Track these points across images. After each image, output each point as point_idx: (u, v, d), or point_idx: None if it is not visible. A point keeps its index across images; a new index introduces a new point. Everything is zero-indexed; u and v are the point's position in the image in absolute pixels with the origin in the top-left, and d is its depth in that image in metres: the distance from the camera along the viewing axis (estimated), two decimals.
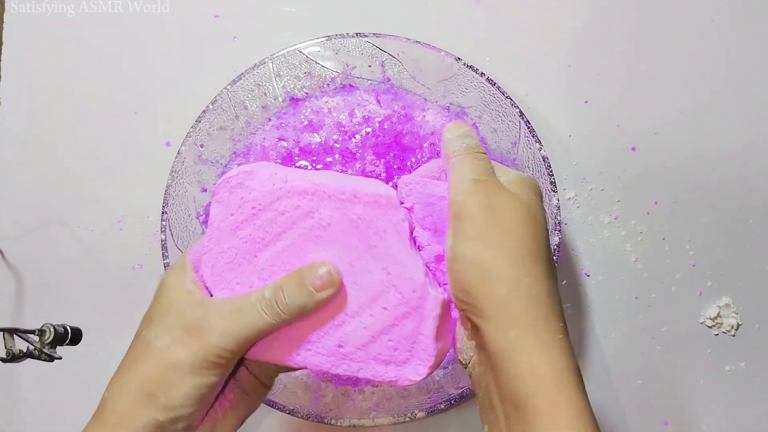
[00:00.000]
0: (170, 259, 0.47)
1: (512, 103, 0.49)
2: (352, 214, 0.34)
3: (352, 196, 0.34)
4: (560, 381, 0.29)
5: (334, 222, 0.34)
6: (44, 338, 0.38)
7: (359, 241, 0.34)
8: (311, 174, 0.35)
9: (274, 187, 0.34)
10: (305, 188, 0.34)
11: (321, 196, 0.34)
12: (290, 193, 0.34)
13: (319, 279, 0.33)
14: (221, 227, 0.35)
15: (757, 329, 0.52)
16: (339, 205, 0.34)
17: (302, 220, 0.34)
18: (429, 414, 0.43)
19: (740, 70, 0.57)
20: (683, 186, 0.55)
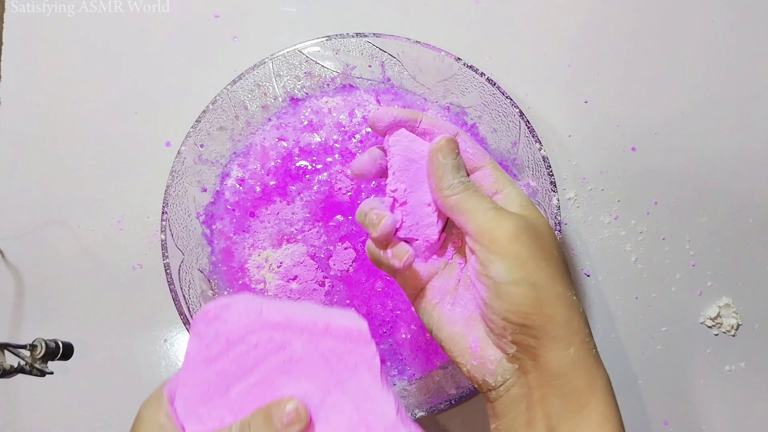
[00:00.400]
0: (170, 259, 0.47)
1: (512, 103, 0.49)
2: (323, 348, 0.34)
3: (324, 329, 0.34)
4: (609, 393, 0.32)
5: (306, 356, 0.34)
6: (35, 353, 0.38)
7: (330, 375, 0.34)
8: (287, 306, 0.35)
9: (249, 320, 0.34)
10: (278, 321, 0.34)
11: (293, 329, 0.34)
12: (264, 326, 0.34)
13: (287, 416, 0.32)
14: (196, 360, 0.35)
15: (757, 329, 0.52)
16: (311, 339, 0.34)
17: (274, 353, 0.34)
18: (429, 414, 0.43)
19: (740, 70, 0.57)
20: (683, 186, 0.55)
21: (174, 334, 0.52)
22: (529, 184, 0.49)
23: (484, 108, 0.51)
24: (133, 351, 0.52)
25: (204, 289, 0.49)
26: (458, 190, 0.35)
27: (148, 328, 0.53)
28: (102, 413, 0.51)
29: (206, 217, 0.51)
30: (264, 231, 0.51)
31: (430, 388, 0.46)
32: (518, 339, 0.32)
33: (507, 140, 0.50)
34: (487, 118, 0.51)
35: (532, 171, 0.49)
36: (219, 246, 0.51)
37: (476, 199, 0.34)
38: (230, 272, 0.50)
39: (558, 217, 0.47)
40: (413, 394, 0.47)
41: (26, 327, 0.53)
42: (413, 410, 0.44)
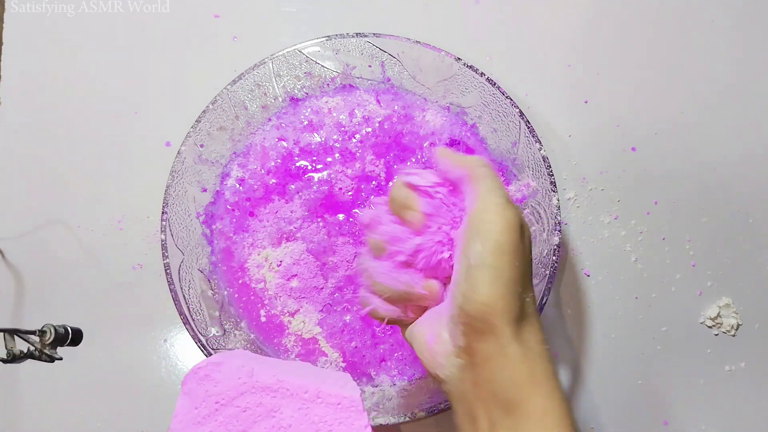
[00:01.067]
0: (170, 259, 0.47)
1: (512, 103, 0.49)
2: (314, 416, 0.34)
3: (315, 395, 0.34)
4: (552, 387, 0.32)
5: (295, 423, 0.34)
6: (45, 339, 0.38)
7: None
8: (280, 366, 0.35)
9: (239, 381, 0.34)
10: (269, 384, 0.34)
11: (284, 394, 0.34)
12: (254, 389, 0.34)
13: None
14: (184, 421, 0.34)
15: (757, 329, 0.52)
16: (301, 405, 0.34)
17: (263, 418, 0.34)
18: (429, 414, 0.43)
19: (740, 71, 0.57)
20: (683, 186, 0.55)
21: (174, 334, 0.52)
22: (529, 184, 0.49)
23: (484, 108, 0.51)
24: (133, 351, 0.52)
25: (204, 289, 0.49)
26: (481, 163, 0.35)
27: (148, 328, 0.53)
28: (102, 413, 0.51)
29: (206, 217, 0.51)
30: (263, 230, 0.51)
31: (430, 388, 0.46)
32: (468, 329, 0.33)
33: (507, 140, 0.50)
34: (487, 118, 0.51)
35: (532, 171, 0.49)
36: (219, 246, 0.51)
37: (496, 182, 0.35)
38: (230, 272, 0.50)
39: (558, 217, 0.47)
40: (413, 394, 0.47)
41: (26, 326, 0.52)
42: (413, 410, 0.44)
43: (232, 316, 0.49)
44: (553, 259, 0.46)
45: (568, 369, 0.51)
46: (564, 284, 0.53)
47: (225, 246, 0.51)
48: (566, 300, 0.52)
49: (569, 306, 0.52)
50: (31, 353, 0.37)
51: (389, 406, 0.46)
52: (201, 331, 0.46)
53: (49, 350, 0.38)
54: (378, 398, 0.47)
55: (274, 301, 0.49)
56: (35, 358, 0.37)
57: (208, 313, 0.48)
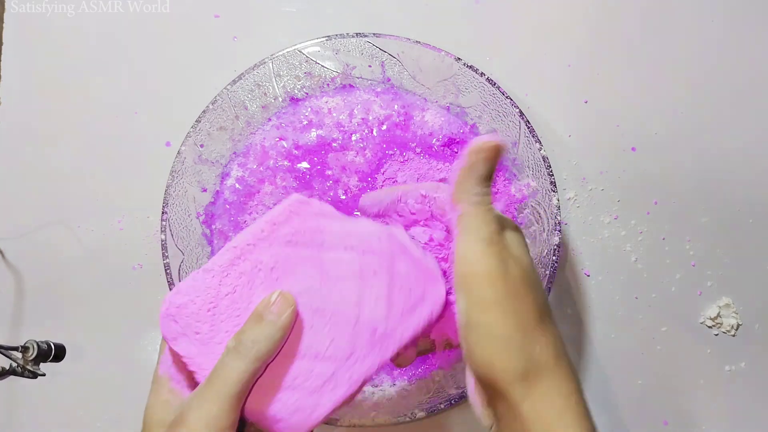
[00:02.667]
0: (170, 259, 0.47)
1: (512, 103, 0.49)
2: (282, 237, 0.35)
3: (270, 224, 0.35)
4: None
5: (277, 258, 0.34)
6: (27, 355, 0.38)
7: (307, 252, 0.35)
8: (228, 249, 0.35)
9: (214, 281, 0.34)
10: (231, 258, 0.35)
11: (250, 250, 0.35)
12: (227, 275, 0.34)
13: (274, 305, 0.32)
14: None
15: (757, 329, 0.52)
16: (267, 242, 0.35)
17: (255, 278, 0.34)
18: (429, 414, 0.43)
19: (740, 71, 0.57)
20: (683, 186, 0.55)
21: None
22: (529, 184, 0.49)
23: (484, 108, 0.51)
24: (133, 351, 0.52)
25: None
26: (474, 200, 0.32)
27: (148, 328, 0.53)
28: (102, 413, 0.51)
29: (206, 217, 0.51)
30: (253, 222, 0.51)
31: (430, 388, 0.46)
32: (482, 389, 0.32)
33: (507, 140, 0.50)
34: (487, 118, 0.51)
35: (532, 171, 0.49)
36: (219, 246, 0.51)
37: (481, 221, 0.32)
38: None
39: (558, 217, 0.47)
40: (413, 394, 0.47)
41: (26, 327, 0.53)
42: (413, 410, 0.44)
43: None
44: (553, 259, 0.46)
45: None
46: (564, 284, 0.53)
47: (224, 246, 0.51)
48: (566, 300, 0.52)
49: (569, 306, 0.52)
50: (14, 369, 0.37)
51: (389, 406, 0.46)
52: None
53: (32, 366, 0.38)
54: (378, 398, 0.47)
55: None
56: (17, 374, 0.37)
57: None
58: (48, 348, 0.39)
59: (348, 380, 0.33)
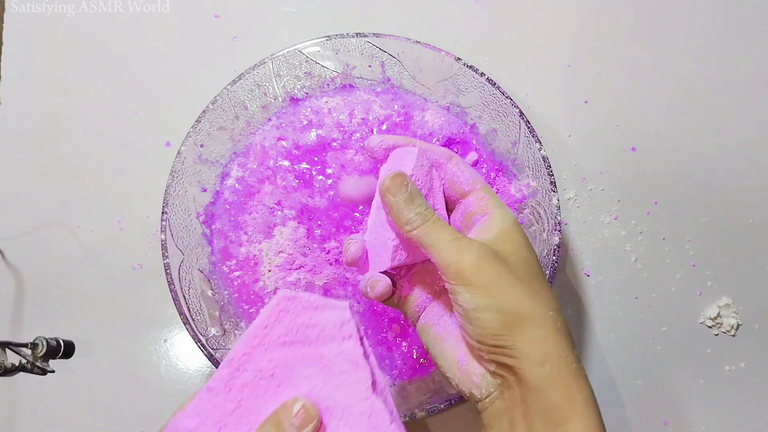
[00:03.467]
0: (170, 259, 0.47)
1: (512, 103, 0.49)
2: (276, 340, 0.34)
3: (263, 327, 0.34)
4: (589, 407, 0.32)
5: (276, 363, 0.34)
6: (37, 352, 0.38)
7: (305, 350, 0.34)
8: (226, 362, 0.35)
9: (218, 399, 0.34)
10: (231, 372, 0.34)
11: (247, 359, 0.34)
12: (230, 390, 0.34)
13: (297, 417, 0.31)
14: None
15: (757, 329, 0.52)
16: (263, 348, 0.34)
17: (258, 388, 0.34)
18: (429, 414, 0.43)
19: (740, 70, 0.57)
20: (683, 186, 0.55)
21: (174, 334, 0.52)
22: (529, 184, 0.49)
23: (484, 108, 0.51)
24: (133, 351, 0.52)
25: (204, 289, 0.49)
26: (417, 224, 0.36)
27: (148, 328, 0.53)
28: (102, 413, 0.51)
29: (206, 217, 0.51)
30: (253, 222, 0.51)
31: (430, 388, 0.46)
32: (494, 358, 0.33)
33: (507, 140, 0.50)
34: (487, 118, 0.51)
35: (532, 171, 0.49)
36: (218, 246, 0.51)
37: (437, 231, 0.35)
38: (229, 271, 0.50)
39: (558, 217, 0.47)
40: (413, 394, 0.47)
41: (26, 327, 0.53)
42: (413, 410, 0.44)
43: (232, 316, 0.49)
44: (553, 259, 0.46)
45: None
46: (564, 284, 0.53)
47: (224, 245, 0.51)
48: (566, 300, 0.52)
49: (569, 306, 0.52)
50: (23, 366, 0.37)
51: None
52: (201, 331, 0.46)
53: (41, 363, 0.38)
54: None
55: None
56: (27, 371, 0.37)
57: (208, 313, 0.48)
58: (57, 345, 0.39)
59: None
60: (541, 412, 0.32)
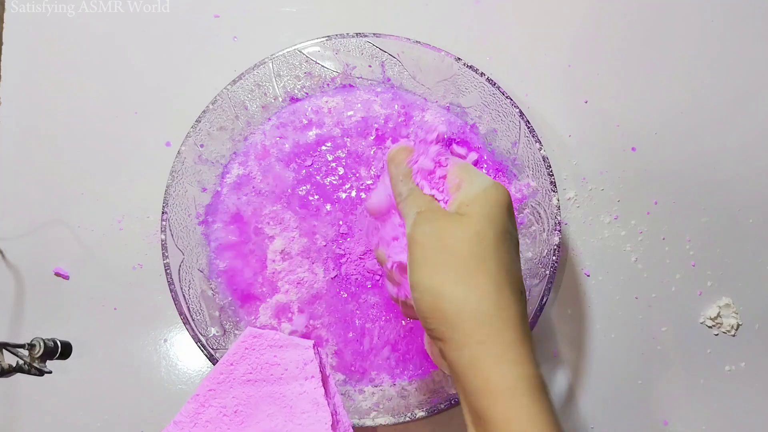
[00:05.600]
0: (170, 259, 0.47)
1: (512, 103, 0.49)
2: (240, 377, 0.35)
3: (229, 364, 0.35)
4: (513, 392, 0.30)
5: (239, 400, 0.35)
6: (34, 352, 0.38)
7: (268, 388, 0.35)
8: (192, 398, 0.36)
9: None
10: (196, 407, 0.35)
11: (212, 395, 0.35)
12: (195, 425, 0.34)
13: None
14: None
15: (757, 329, 0.52)
16: (228, 384, 0.35)
17: (221, 424, 0.34)
18: (429, 414, 0.43)
19: (740, 70, 0.57)
20: (683, 186, 0.55)
21: (174, 334, 0.52)
22: (529, 184, 0.49)
23: (484, 108, 0.51)
24: (133, 351, 0.52)
25: (204, 289, 0.49)
26: (403, 197, 0.37)
27: (148, 328, 0.53)
28: (102, 413, 0.51)
29: (206, 217, 0.51)
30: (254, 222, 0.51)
31: (430, 388, 0.46)
32: (435, 343, 0.33)
33: (507, 140, 0.50)
34: (487, 118, 0.51)
35: (532, 171, 0.49)
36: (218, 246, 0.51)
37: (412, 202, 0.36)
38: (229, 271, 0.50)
39: (558, 217, 0.47)
40: (413, 394, 0.47)
41: (26, 327, 0.53)
42: (413, 410, 0.44)
43: (231, 316, 0.49)
44: (553, 259, 0.46)
45: (568, 369, 0.51)
46: (564, 284, 0.53)
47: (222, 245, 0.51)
48: (566, 300, 0.52)
49: (569, 306, 0.52)
50: (20, 367, 0.37)
51: (389, 406, 0.46)
52: (201, 331, 0.46)
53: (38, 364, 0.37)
54: (378, 398, 0.47)
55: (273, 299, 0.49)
56: (24, 371, 0.37)
57: (208, 313, 0.48)
58: (54, 345, 0.39)
59: None
60: (468, 395, 0.31)
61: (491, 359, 0.31)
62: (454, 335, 0.31)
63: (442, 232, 0.33)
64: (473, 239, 0.33)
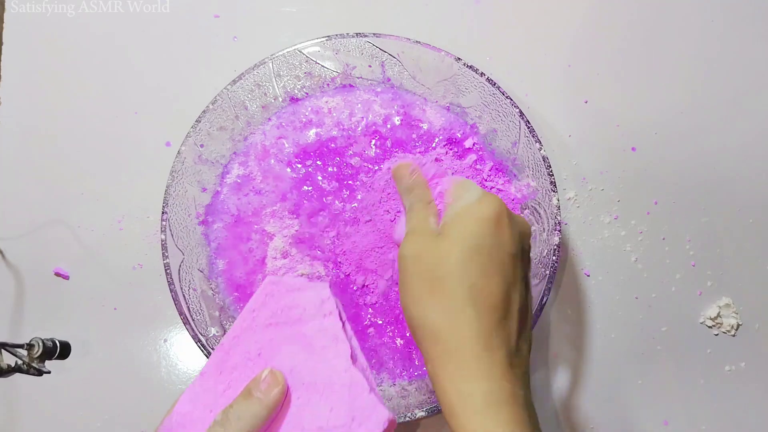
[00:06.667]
0: (170, 259, 0.47)
1: (512, 103, 0.49)
2: (262, 322, 0.36)
3: (251, 311, 0.36)
4: (464, 407, 0.32)
5: (262, 344, 0.36)
6: (33, 352, 0.38)
7: (288, 330, 0.36)
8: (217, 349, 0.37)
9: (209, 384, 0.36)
10: (222, 356, 0.36)
11: (237, 343, 0.36)
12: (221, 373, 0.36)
13: (263, 382, 0.34)
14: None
15: (757, 329, 0.52)
16: (251, 331, 0.36)
17: (247, 369, 0.35)
18: (429, 414, 0.43)
19: (740, 70, 0.57)
20: (683, 186, 0.55)
21: (174, 334, 0.52)
22: (529, 184, 0.49)
23: (484, 108, 0.51)
24: (133, 351, 0.52)
25: (204, 289, 0.49)
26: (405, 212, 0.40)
27: (148, 328, 0.53)
28: (102, 413, 0.51)
29: (206, 217, 0.51)
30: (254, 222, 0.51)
31: (430, 388, 0.46)
32: None
33: (507, 140, 0.50)
34: (487, 118, 0.51)
35: (532, 171, 0.49)
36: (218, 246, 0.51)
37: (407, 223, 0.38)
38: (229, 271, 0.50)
39: (558, 217, 0.47)
40: (413, 394, 0.47)
41: (26, 327, 0.53)
42: (413, 410, 0.44)
43: (232, 316, 0.49)
44: (553, 259, 0.46)
45: (568, 369, 0.51)
46: (564, 284, 0.53)
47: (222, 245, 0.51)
48: (566, 300, 0.52)
49: (569, 306, 0.52)
50: (19, 367, 0.37)
51: (389, 406, 0.46)
52: (201, 331, 0.46)
53: (37, 364, 0.38)
54: None
55: None
56: (23, 371, 0.37)
57: (208, 313, 0.48)
58: (53, 345, 0.39)
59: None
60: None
61: (446, 375, 0.33)
62: (422, 349, 0.34)
63: (421, 253, 0.35)
64: (439, 259, 0.35)
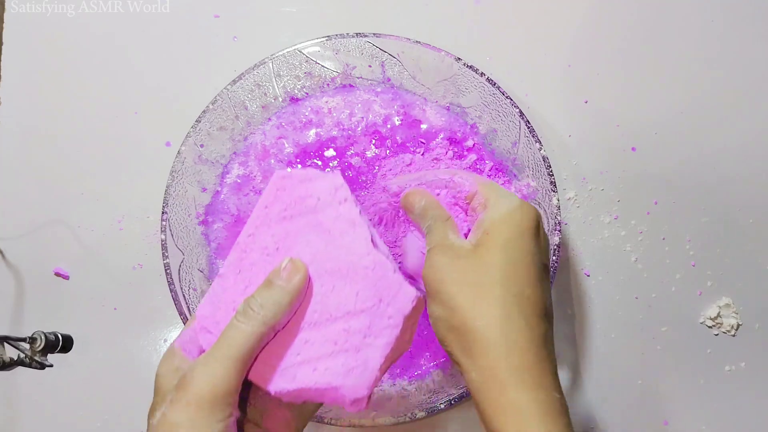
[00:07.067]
0: (170, 259, 0.47)
1: (512, 103, 0.49)
2: (277, 216, 0.35)
3: (263, 207, 0.35)
4: (519, 417, 0.31)
5: (278, 237, 0.35)
6: (35, 346, 0.38)
7: (304, 220, 0.35)
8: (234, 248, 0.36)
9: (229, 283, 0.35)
10: (239, 254, 0.35)
11: (253, 240, 0.35)
12: (240, 272, 0.35)
13: (284, 271, 0.33)
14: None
15: (757, 329, 0.52)
16: (266, 227, 0.35)
17: (265, 264, 0.35)
18: (429, 414, 0.43)
19: (740, 70, 0.57)
20: (683, 186, 0.55)
21: (174, 334, 0.52)
22: (529, 184, 0.49)
23: (484, 108, 0.51)
24: (133, 351, 0.52)
25: (204, 289, 0.49)
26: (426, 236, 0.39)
27: (148, 328, 0.53)
28: (102, 413, 0.51)
29: (206, 217, 0.51)
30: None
31: (430, 388, 0.46)
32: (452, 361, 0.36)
33: (507, 140, 0.50)
34: (487, 118, 0.51)
35: (532, 171, 0.49)
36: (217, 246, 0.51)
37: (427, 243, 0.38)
38: None
39: (558, 217, 0.47)
40: (413, 394, 0.47)
41: (26, 327, 0.53)
42: (413, 410, 0.44)
43: None
44: (553, 259, 0.46)
45: (568, 369, 0.51)
46: (564, 284, 0.53)
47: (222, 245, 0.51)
48: (566, 300, 0.52)
49: (569, 306, 0.52)
50: (22, 360, 0.37)
51: (389, 406, 0.46)
52: None
53: (39, 357, 0.38)
54: (378, 398, 0.47)
55: None
56: (25, 365, 0.37)
57: None
58: (55, 339, 0.39)
59: (387, 324, 0.33)
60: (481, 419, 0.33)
61: (497, 385, 0.32)
62: (464, 360, 0.33)
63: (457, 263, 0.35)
64: (483, 267, 0.34)
